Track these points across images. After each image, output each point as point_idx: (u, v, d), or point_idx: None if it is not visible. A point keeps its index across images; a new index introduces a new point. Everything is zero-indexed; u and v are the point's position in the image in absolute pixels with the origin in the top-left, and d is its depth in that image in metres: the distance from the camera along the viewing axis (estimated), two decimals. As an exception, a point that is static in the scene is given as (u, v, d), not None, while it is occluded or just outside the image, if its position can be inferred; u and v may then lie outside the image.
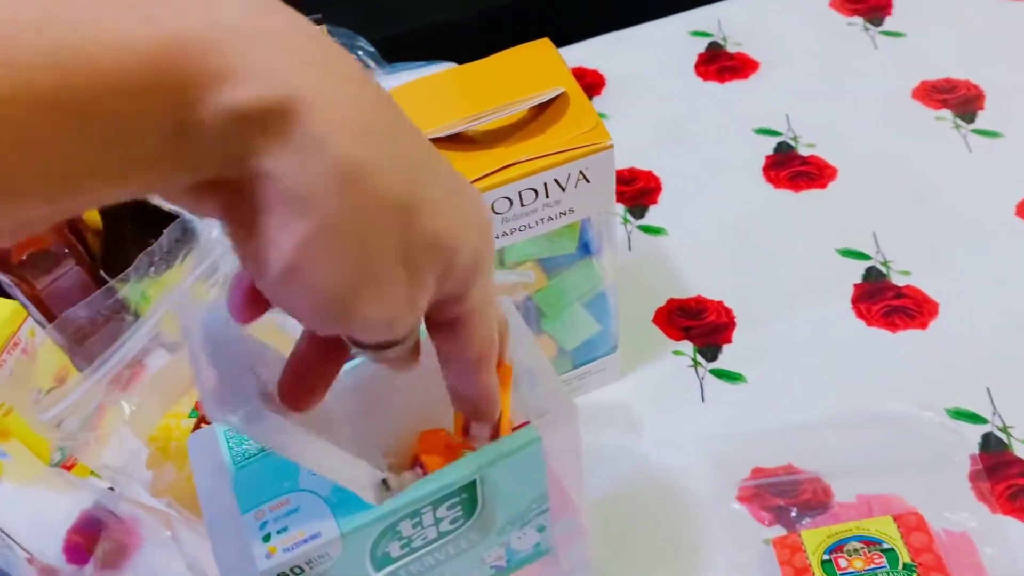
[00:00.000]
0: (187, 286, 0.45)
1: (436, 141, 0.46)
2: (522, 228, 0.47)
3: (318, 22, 0.53)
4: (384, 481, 0.33)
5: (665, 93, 0.76)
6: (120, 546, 0.54)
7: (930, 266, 0.61)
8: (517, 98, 0.46)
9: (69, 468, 0.59)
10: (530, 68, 0.48)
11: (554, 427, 0.36)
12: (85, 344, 0.43)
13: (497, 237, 0.47)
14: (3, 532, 0.51)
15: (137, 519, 0.54)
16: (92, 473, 0.61)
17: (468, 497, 0.35)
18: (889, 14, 0.79)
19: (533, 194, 0.45)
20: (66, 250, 0.59)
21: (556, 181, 0.45)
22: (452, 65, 0.78)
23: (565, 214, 0.47)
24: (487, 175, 0.44)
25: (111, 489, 0.59)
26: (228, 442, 0.36)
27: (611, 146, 0.45)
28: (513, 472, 0.35)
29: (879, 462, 0.53)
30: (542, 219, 0.46)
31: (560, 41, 0.82)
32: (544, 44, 0.50)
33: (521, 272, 0.48)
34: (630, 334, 0.57)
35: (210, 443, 0.37)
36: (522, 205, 0.45)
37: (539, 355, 0.37)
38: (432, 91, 0.49)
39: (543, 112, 0.46)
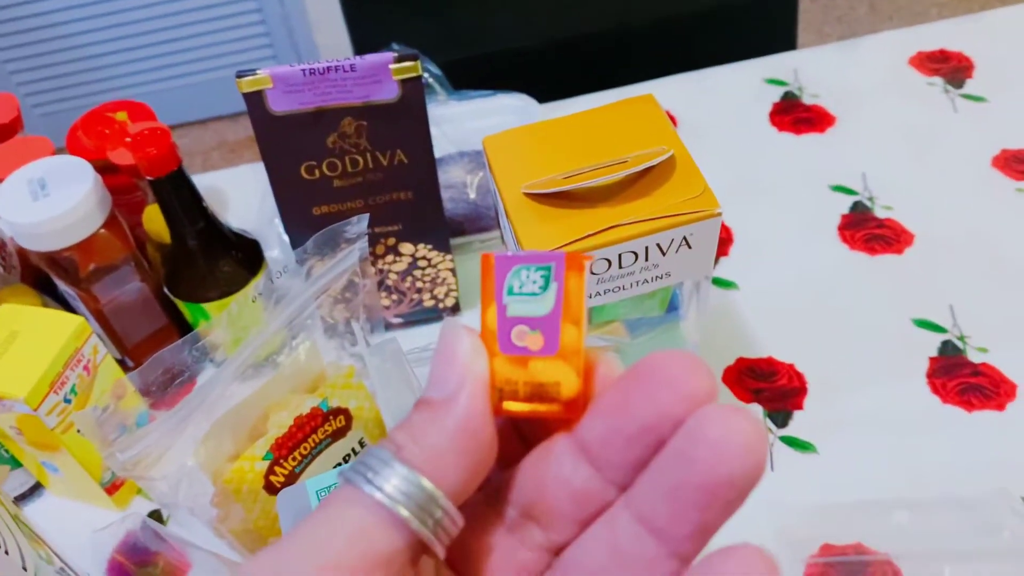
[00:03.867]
0: (271, 332, 0.43)
1: (538, 197, 0.45)
2: (616, 289, 0.45)
3: (413, 57, 0.51)
4: None
5: (738, 140, 0.75)
6: (169, 570, 0.53)
7: (1009, 344, 0.60)
8: (621, 155, 0.45)
9: (119, 486, 0.58)
10: (634, 124, 0.47)
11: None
12: (168, 388, 0.42)
13: (590, 297, 0.45)
14: (56, 554, 0.49)
15: (186, 545, 0.53)
16: (140, 492, 0.60)
17: None
18: (970, 76, 0.77)
19: (633, 257, 0.44)
20: (132, 265, 0.58)
21: (658, 246, 0.43)
22: (523, 96, 0.76)
23: (661, 278, 0.45)
24: (590, 235, 0.43)
25: (155, 513, 0.58)
26: (319, 500, 0.35)
27: (719, 214, 0.43)
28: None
29: (952, 548, 0.52)
30: (637, 282, 0.45)
31: (631, 78, 0.81)
32: (648, 100, 0.49)
33: (610, 337, 0.47)
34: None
35: (301, 500, 0.36)
36: (620, 267, 0.44)
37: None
38: (533, 141, 0.48)
39: (649, 172, 0.45)
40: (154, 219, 0.61)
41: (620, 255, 0.43)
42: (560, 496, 0.23)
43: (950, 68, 0.78)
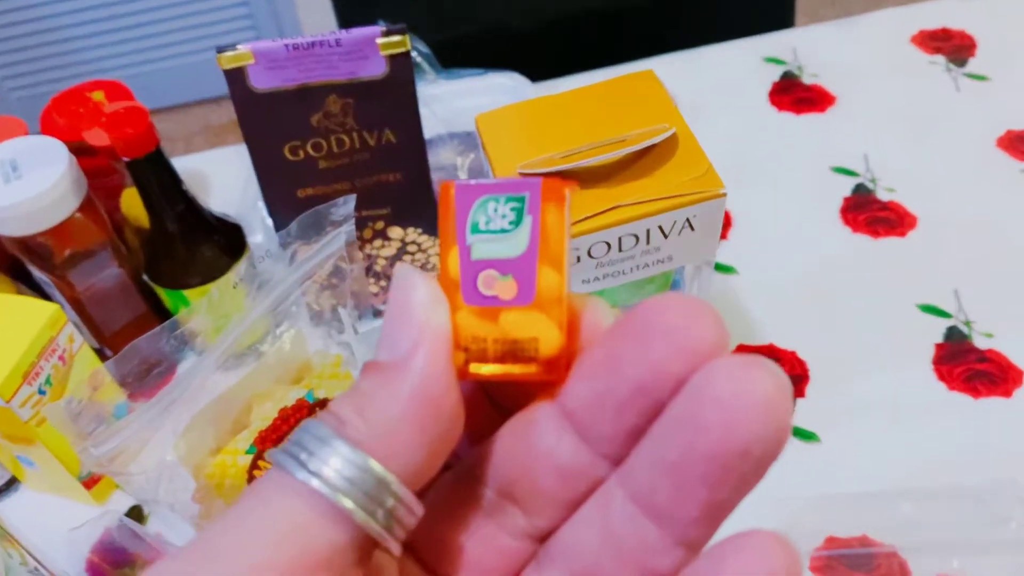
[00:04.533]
0: (253, 319, 0.41)
1: (535, 176, 0.42)
2: (615, 274, 0.43)
3: (401, 32, 0.49)
4: None
5: (737, 121, 0.73)
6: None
7: (1015, 329, 0.58)
8: (622, 133, 0.43)
9: (97, 480, 0.56)
10: (634, 101, 0.45)
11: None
12: (146, 379, 0.40)
13: (588, 282, 0.43)
14: (30, 554, 0.47)
15: (166, 544, 0.50)
16: (119, 485, 0.58)
17: None
18: (973, 55, 0.76)
19: (634, 240, 0.42)
20: (110, 251, 0.56)
21: (660, 228, 0.42)
22: (515, 75, 0.74)
23: (663, 261, 0.43)
24: (588, 217, 0.41)
25: (135, 508, 0.56)
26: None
27: (724, 194, 0.41)
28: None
29: (959, 539, 0.51)
30: (638, 266, 0.43)
31: (625, 57, 0.79)
32: (648, 76, 0.47)
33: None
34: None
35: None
36: (620, 250, 0.42)
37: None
38: (528, 118, 0.45)
39: (649, 151, 0.43)
40: (132, 203, 0.59)
41: (620, 238, 0.41)
42: (543, 474, 0.19)
43: (952, 46, 0.76)
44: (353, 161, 0.53)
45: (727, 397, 0.16)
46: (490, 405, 0.21)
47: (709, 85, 0.76)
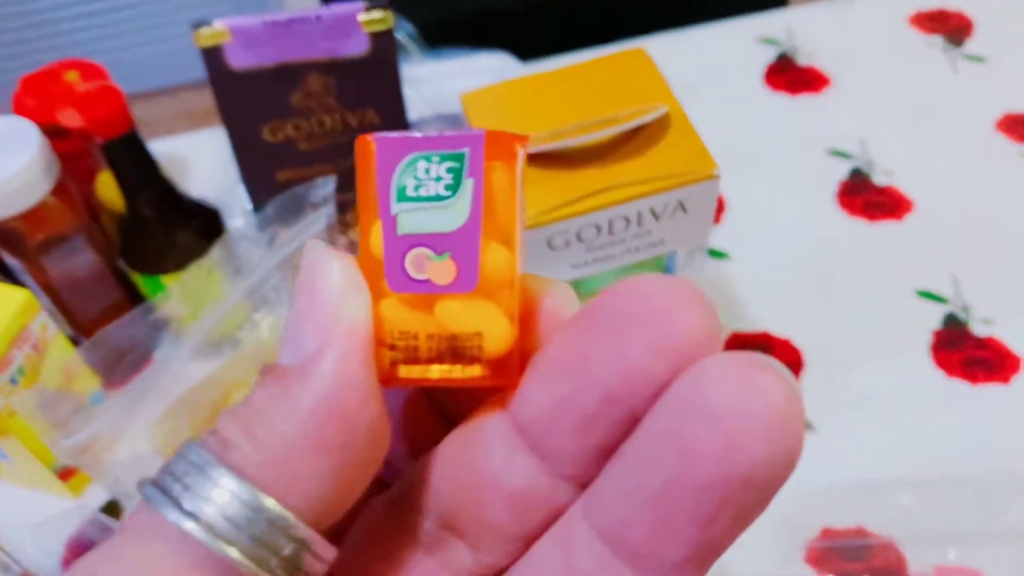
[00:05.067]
0: (230, 305, 0.40)
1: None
2: (605, 259, 0.42)
3: (384, 7, 0.47)
4: None
5: (730, 103, 0.71)
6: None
7: (1013, 316, 0.57)
8: (612, 112, 0.41)
9: (73, 472, 0.54)
10: (625, 79, 0.43)
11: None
12: (119, 366, 0.38)
13: (577, 267, 0.42)
14: (1, 548, 0.46)
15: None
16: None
17: None
18: (970, 36, 0.74)
19: (624, 223, 0.40)
20: (83, 235, 0.54)
21: (652, 210, 0.40)
22: (503, 56, 0.72)
23: (654, 246, 0.42)
24: (578, 199, 0.39)
25: (113, 502, 0.54)
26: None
27: (717, 176, 0.40)
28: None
29: (957, 530, 0.49)
30: (628, 249, 0.42)
31: (614, 36, 0.77)
32: (639, 54, 0.45)
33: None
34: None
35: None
36: (610, 234, 0.41)
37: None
38: (516, 97, 0.44)
39: (641, 131, 0.41)
40: (108, 186, 0.57)
41: (610, 220, 0.40)
42: (491, 501, 0.16)
43: (949, 27, 0.75)
44: (335, 143, 0.51)
45: (724, 409, 0.13)
46: (431, 411, 0.18)
47: (702, 66, 0.74)
